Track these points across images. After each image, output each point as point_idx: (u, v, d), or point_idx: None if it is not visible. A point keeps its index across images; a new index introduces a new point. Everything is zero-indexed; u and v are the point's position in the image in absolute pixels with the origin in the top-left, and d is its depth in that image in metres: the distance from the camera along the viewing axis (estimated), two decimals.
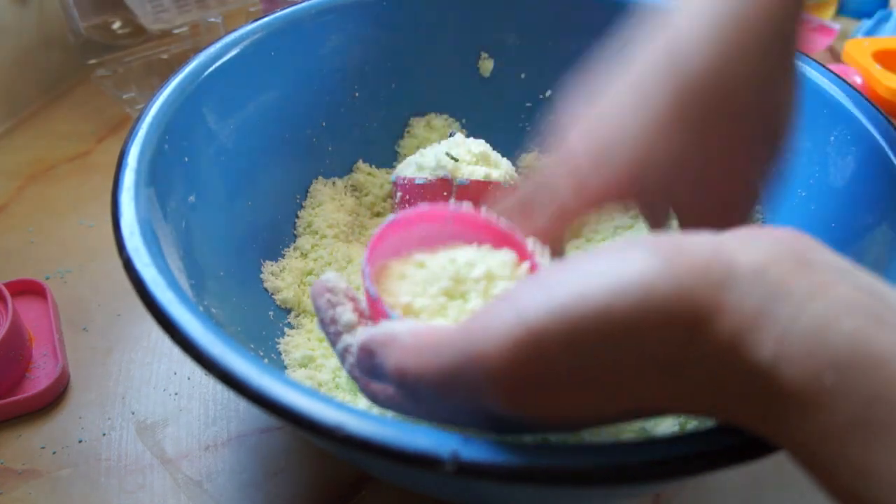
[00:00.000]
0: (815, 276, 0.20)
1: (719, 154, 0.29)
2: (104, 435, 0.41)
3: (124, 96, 0.64)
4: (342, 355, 0.28)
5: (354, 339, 0.28)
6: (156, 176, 0.34)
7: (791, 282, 0.20)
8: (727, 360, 0.20)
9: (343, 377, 0.38)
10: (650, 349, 0.20)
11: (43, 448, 0.40)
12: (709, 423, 0.23)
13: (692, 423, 0.36)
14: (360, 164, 0.51)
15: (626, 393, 0.21)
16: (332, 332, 0.29)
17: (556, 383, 0.21)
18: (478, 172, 0.43)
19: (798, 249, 0.21)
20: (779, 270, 0.20)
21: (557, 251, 0.32)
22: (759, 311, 0.20)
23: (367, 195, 0.50)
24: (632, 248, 0.21)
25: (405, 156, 0.52)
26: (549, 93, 0.51)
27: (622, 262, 0.21)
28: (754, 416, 0.21)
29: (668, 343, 0.20)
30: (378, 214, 0.49)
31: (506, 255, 0.31)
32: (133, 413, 0.42)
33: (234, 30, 0.44)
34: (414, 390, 0.24)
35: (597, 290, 0.20)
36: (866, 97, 0.39)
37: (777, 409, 0.20)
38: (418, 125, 0.52)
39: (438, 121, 0.52)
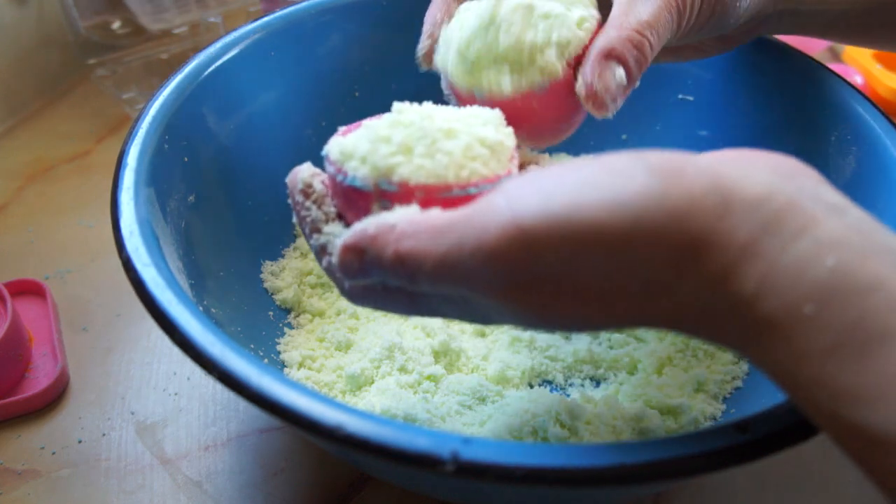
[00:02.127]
0: (806, 211, 0.21)
1: None
2: (104, 435, 0.41)
3: (124, 96, 0.64)
4: (318, 253, 0.28)
5: (333, 236, 0.27)
6: (156, 176, 0.34)
7: (782, 218, 0.20)
8: (714, 289, 0.21)
9: (343, 378, 0.38)
10: (640, 271, 0.21)
11: (43, 448, 0.40)
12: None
13: (689, 421, 0.36)
14: None
15: (613, 305, 0.22)
16: (308, 227, 0.28)
17: (546, 284, 0.22)
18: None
19: (795, 182, 0.22)
20: (772, 206, 0.21)
21: None
22: (748, 245, 0.20)
23: None
24: (634, 163, 0.22)
25: None
26: None
27: (622, 177, 0.21)
28: (737, 341, 0.22)
29: (657, 267, 0.21)
30: None
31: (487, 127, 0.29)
32: (133, 413, 0.42)
33: (234, 30, 0.44)
34: (411, 278, 0.23)
35: (593, 203, 0.21)
36: (867, 97, 0.39)
37: (759, 336, 0.20)
38: None
39: None
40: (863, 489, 0.38)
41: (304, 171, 0.29)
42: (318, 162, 0.49)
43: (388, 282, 0.25)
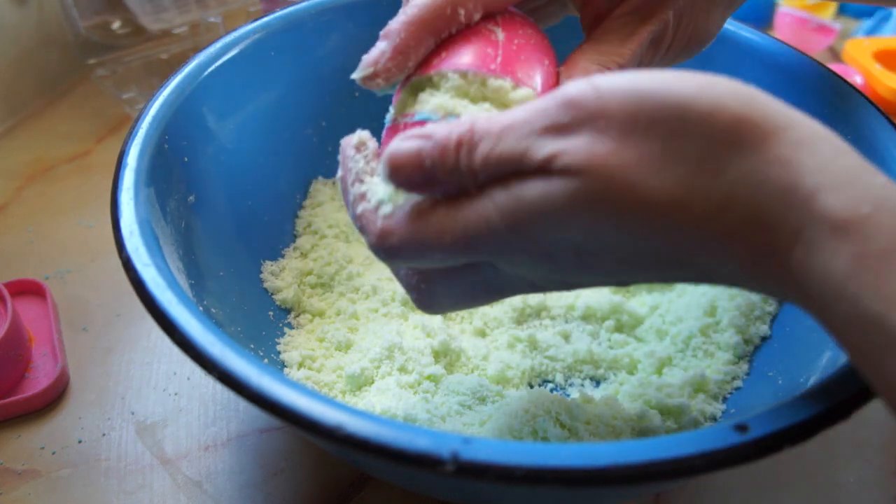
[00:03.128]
0: (851, 146, 0.22)
1: None
2: (104, 435, 0.41)
3: (124, 96, 0.64)
4: (355, 201, 0.27)
5: (374, 185, 0.27)
6: (156, 176, 0.34)
7: (833, 136, 0.22)
8: (768, 178, 0.21)
9: (343, 378, 0.38)
10: (696, 138, 0.22)
11: (43, 448, 0.40)
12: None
13: (689, 421, 0.36)
14: None
15: (668, 171, 0.22)
16: (352, 177, 0.28)
17: (609, 128, 0.22)
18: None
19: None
20: (823, 129, 0.22)
21: None
22: (802, 142, 0.21)
23: None
24: (716, 77, 0.23)
25: None
26: None
27: (708, 79, 0.23)
28: (780, 241, 0.21)
29: (713, 138, 0.22)
30: None
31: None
32: (133, 413, 0.42)
33: (234, 30, 0.44)
34: (506, 183, 0.23)
35: (661, 77, 0.22)
36: (867, 97, 0.39)
37: (813, 234, 0.20)
38: None
39: None
40: (863, 489, 0.38)
41: (363, 133, 0.30)
42: (318, 162, 0.49)
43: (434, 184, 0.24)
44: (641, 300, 0.44)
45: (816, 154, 0.21)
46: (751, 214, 0.21)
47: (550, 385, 0.40)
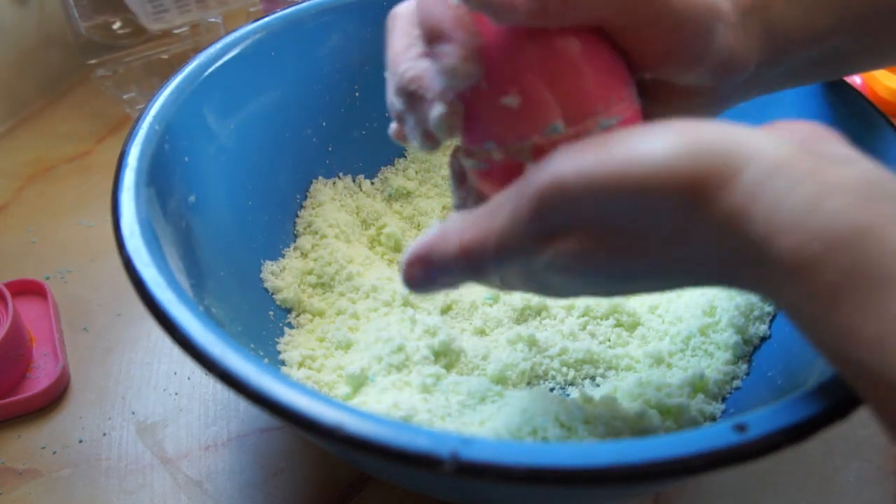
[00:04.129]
0: (814, 160, 0.22)
1: None
2: (104, 435, 0.41)
3: (124, 96, 0.64)
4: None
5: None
6: (156, 176, 0.35)
7: (790, 164, 0.21)
8: (727, 230, 0.22)
9: (344, 378, 0.38)
10: (657, 216, 0.23)
11: (43, 448, 0.40)
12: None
13: (689, 421, 0.36)
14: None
15: (644, 251, 0.24)
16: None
17: (583, 230, 0.24)
18: None
19: (810, 139, 0.23)
20: (781, 153, 0.22)
21: None
22: (754, 186, 0.21)
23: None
24: (655, 127, 0.24)
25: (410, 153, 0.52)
26: None
27: (646, 135, 0.23)
28: (757, 284, 0.23)
29: (672, 212, 0.22)
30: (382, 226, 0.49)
31: None
32: (133, 413, 0.42)
33: (234, 30, 0.44)
34: (478, 266, 0.26)
35: (618, 156, 0.23)
36: (866, 97, 0.39)
37: (770, 275, 0.22)
38: None
39: None
40: (863, 489, 0.38)
41: None
42: (318, 162, 0.49)
43: (457, 281, 0.27)
44: (641, 300, 0.44)
45: (768, 196, 0.21)
46: (722, 268, 0.23)
47: (550, 385, 0.40)
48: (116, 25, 0.70)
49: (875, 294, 0.19)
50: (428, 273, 0.27)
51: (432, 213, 0.49)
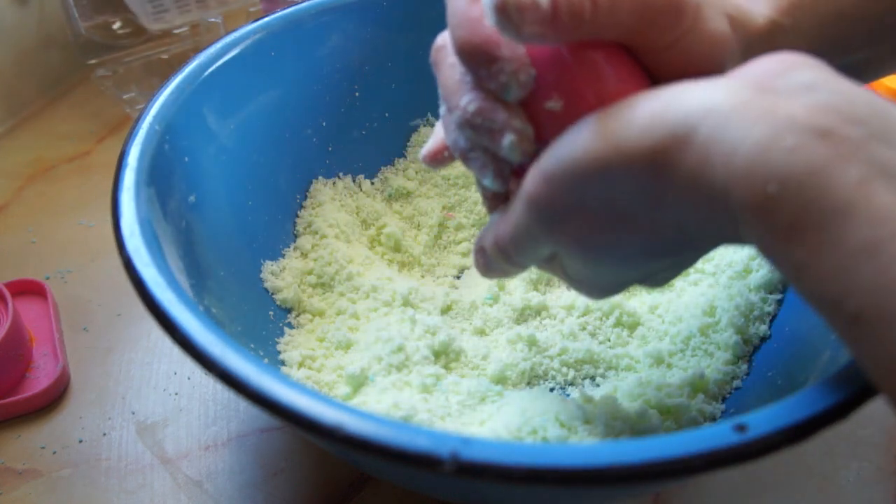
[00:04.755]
0: (767, 99, 0.22)
1: None
2: (104, 435, 0.41)
3: (124, 96, 0.64)
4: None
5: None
6: (156, 176, 0.35)
7: (740, 109, 0.21)
8: (694, 188, 0.22)
9: (344, 378, 0.38)
10: (628, 188, 0.24)
11: (43, 448, 0.40)
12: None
13: (689, 421, 0.36)
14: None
15: (631, 226, 0.25)
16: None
17: (575, 216, 0.25)
18: None
19: (769, 76, 0.23)
20: (730, 101, 0.22)
21: None
22: (709, 140, 0.22)
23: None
24: (614, 110, 0.24)
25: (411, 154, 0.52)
26: None
27: (605, 119, 0.24)
28: (728, 232, 0.23)
29: (640, 181, 0.23)
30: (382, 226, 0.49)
31: None
32: (133, 413, 0.42)
33: (234, 30, 0.44)
34: (507, 255, 0.30)
35: (583, 140, 0.24)
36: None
37: (739, 220, 0.22)
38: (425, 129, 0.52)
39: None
40: (863, 489, 0.38)
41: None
42: (318, 162, 0.49)
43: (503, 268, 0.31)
44: (641, 300, 0.44)
45: (723, 145, 0.21)
46: (701, 224, 0.24)
47: (550, 385, 0.40)
48: (116, 25, 0.70)
49: (829, 229, 0.20)
50: (485, 260, 0.31)
51: (432, 213, 0.49)
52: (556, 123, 0.26)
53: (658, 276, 0.29)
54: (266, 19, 0.45)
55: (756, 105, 0.21)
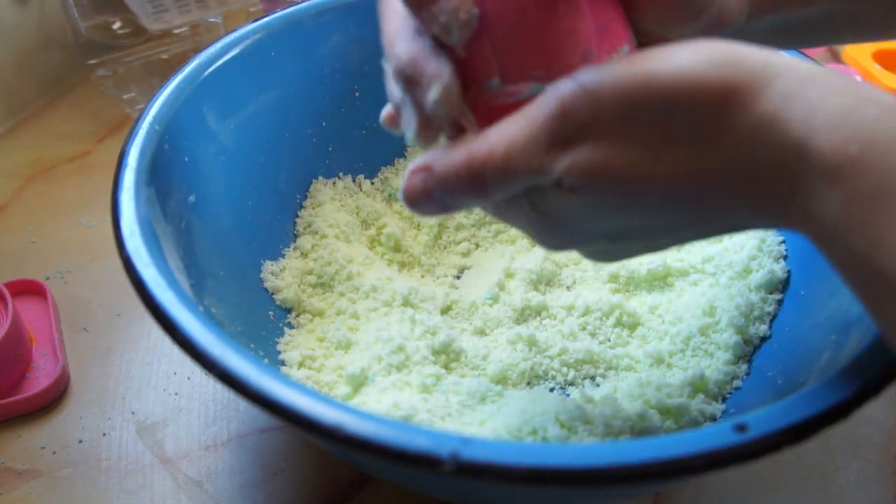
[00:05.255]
0: (844, 80, 0.22)
1: None
2: (104, 435, 0.41)
3: (124, 96, 0.64)
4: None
5: None
6: (156, 176, 0.35)
7: (821, 77, 0.22)
8: (760, 135, 0.22)
9: (344, 378, 0.38)
10: (688, 118, 0.22)
11: (43, 448, 0.40)
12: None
13: (689, 421, 0.36)
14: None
15: (665, 159, 0.23)
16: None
17: (606, 135, 0.23)
18: None
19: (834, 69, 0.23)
20: (810, 68, 0.22)
21: None
22: (790, 92, 0.21)
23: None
24: (685, 43, 0.23)
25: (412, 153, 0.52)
26: None
27: (678, 50, 0.23)
28: (782, 193, 0.22)
29: (704, 115, 0.22)
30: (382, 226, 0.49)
31: None
32: (133, 413, 0.42)
33: (234, 30, 0.44)
34: (481, 183, 0.26)
35: (646, 62, 0.23)
36: None
37: (805, 180, 0.21)
38: None
39: None
40: (863, 489, 0.38)
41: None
42: (318, 162, 0.49)
43: (455, 199, 0.26)
44: (641, 300, 0.44)
45: (803, 101, 0.21)
46: (751, 177, 0.22)
47: (550, 385, 0.40)
48: (116, 25, 0.70)
49: None
50: (427, 186, 0.26)
51: None
52: (513, 60, 0.25)
53: (642, 243, 0.27)
54: (266, 19, 0.45)
55: (837, 77, 0.22)
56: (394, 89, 0.27)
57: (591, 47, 0.26)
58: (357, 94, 0.49)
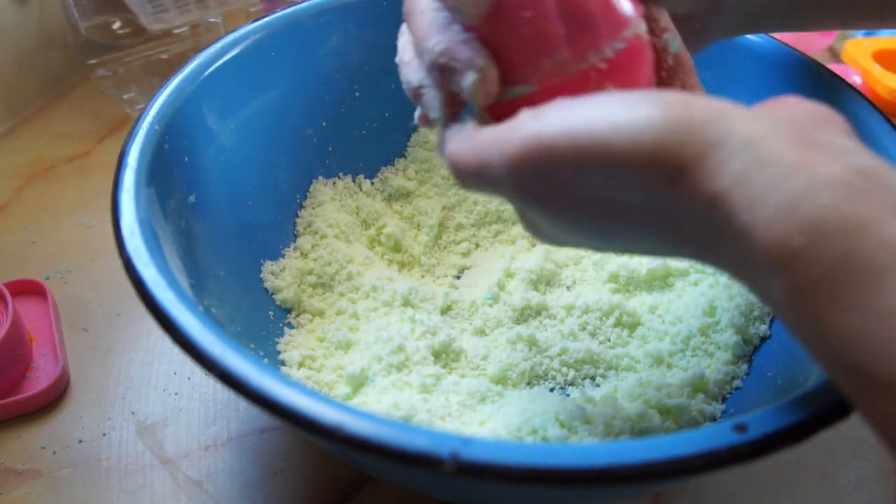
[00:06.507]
0: (808, 153, 0.21)
1: None
2: (104, 435, 0.41)
3: (124, 96, 0.64)
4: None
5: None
6: (156, 176, 0.35)
7: (780, 156, 0.21)
8: (709, 212, 0.22)
9: (344, 378, 0.38)
10: (639, 187, 0.23)
11: (43, 448, 0.40)
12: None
13: (689, 421, 0.36)
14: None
15: (622, 219, 0.24)
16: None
17: (562, 192, 0.24)
18: None
19: (807, 128, 0.23)
20: (772, 145, 0.21)
21: None
22: (740, 175, 0.21)
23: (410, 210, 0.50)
24: (649, 95, 0.23)
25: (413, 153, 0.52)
26: None
27: (634, 104, 0.23)
28: (739, 271, 0.23)
29: (654, 186, 0.22)
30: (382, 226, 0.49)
31: None
32: (133, 413, 0.42)
33: (234, 30, 0.44)
34: (459, 177, 0.27)
35: (602, 123, 0.23)
36: (866, 97, 0.39)
37: (752, 265, 0.21)
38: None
39: None
40: (863, 489, 0.38)
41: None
42: (318, 162, 0.49)
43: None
44: (641, 300, 0.44)
45: (752, 186, 0.21)
46: (700, 248, 0.23)
47: (550, 385, 0.40)
48: (116, 25, 0.70)
49: (857, 289, 0.19)
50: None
51: (432, 213, 0.49)
52: (525, 47, 0.26)
53: (626, 253, 0.29)
54: (266, 19, 0.45)
55: (795, 156, 0.21)
56: (411, 77, 0.28)
57: (583, 46, 0.26)
58: (357, 94, 0.49)
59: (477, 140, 0.26)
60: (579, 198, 0.24)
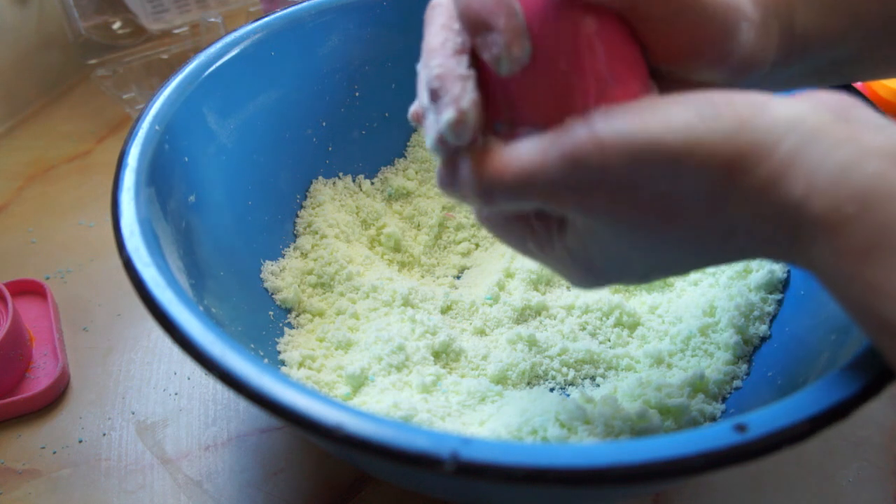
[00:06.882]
0: (849, 127, 0.23)
1: None
2: (104, 435, 0.41)
3: (124, 96, 0.64)
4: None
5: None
6: (156, 176, 0.35)
7: (825, 130, 0.22)
8: (765, 196, 0.23)
9: (344, 378, 0.38)
10: (694, 184, 0.23)
11: (43, 448, 0.40)
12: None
13: (689, 421, 0.36)
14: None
15: (675, 218, 0.24)
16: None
17: (617, 190, 0.24)
18: None
19: (841, 107, 0.24)
20: (815, 121, 0.23)
21: None
22: (793, 153, 0.22)
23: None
24: (695, 98, 0.24)
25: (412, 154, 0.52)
26: None
27: (684, 105, 0.24)
28: (788, 247, 0.24)
29: (710, 180, 0.23)
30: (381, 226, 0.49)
31: None
32: (133, 413, 0.42)
33: (234, 30, 0.44)
34: (488, 194, 0.27)
35: (657, 123, 0.23)
36: (866, 97, 0.39)
37: (805, 236, 0.23)
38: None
39: None
40: (863, 489, 0.38)
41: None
42: (318, 162, 0.49)
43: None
44: (641, 300, 0.44)
45: (804, 163, 0.22)
46: (755, 231, 0.24)
47: (550, 385, 0.40)
48: (116, 25, 0.70)
49: None
50: (453, 181, 0.27)
51: (432, 213, 0.49)
52: (547, 94, 0.26)
53: (662, 273, 0.28)
54: (266, 19, 0.45)
55: (839, 129, 0.22)
56: (422, 95, 0.28)
57: (599, 102, 0.26)
58: (357, 94, 0.49)
59: (517, 151, 0.25)
60: (636, 198, 0.24)
